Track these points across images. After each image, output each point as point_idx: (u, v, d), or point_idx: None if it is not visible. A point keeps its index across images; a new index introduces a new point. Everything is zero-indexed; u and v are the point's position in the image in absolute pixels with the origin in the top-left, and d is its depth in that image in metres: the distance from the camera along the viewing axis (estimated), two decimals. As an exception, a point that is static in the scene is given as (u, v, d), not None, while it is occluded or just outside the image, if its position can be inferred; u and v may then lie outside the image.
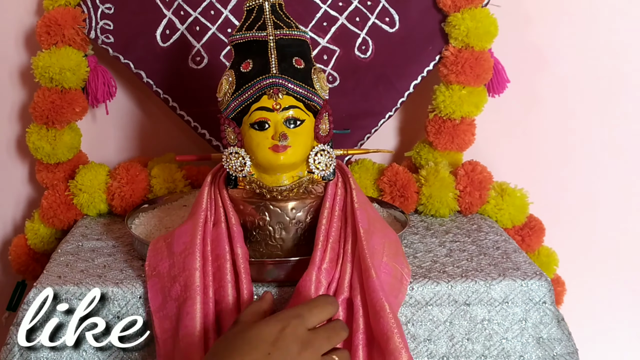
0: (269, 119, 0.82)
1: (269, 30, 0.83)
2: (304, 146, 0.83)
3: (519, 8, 1.20)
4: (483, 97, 1.15)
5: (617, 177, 1.29)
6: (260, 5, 0.84)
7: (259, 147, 0.82)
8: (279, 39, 0.83)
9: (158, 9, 1.15)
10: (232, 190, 0.88)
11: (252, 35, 0.83)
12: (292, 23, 0.84)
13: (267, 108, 0.81)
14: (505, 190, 1.13)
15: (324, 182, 0.87)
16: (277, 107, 0.81)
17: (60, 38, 1.12)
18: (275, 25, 0.83)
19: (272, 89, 0.81)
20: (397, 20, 1.16)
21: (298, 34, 0.84)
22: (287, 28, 0.83)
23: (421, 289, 0.84)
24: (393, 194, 1.12)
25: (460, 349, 0.85)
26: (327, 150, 0.85)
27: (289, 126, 0.82)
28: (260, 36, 0.82)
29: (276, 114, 0.81)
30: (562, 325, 0.85)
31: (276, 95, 0.81)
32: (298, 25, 0.85)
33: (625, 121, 1.27)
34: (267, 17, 0.83)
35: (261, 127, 0.82)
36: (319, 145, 0.85)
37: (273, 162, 0.82)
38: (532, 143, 1.28)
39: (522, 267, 0.89)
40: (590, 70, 1.24)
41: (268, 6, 0.83)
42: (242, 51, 0.84)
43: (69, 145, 1.15)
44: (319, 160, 0.85)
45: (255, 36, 0.83)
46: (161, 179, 1.12)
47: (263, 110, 0.82)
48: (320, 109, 0.84)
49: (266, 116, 0.82)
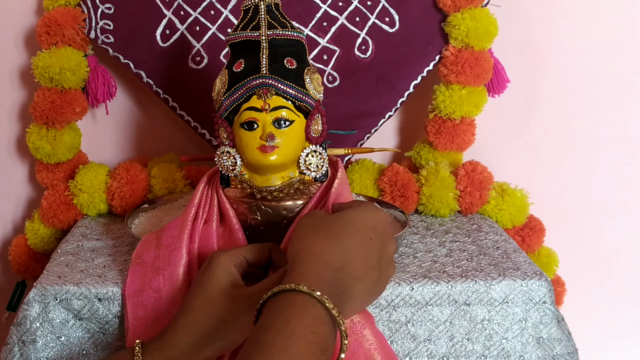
0: (258, 119, 0.82)
1: (262, 30, 0.83)
2: (293, 147, 0.83)
3: (519, 8, 1.20)
4: (483, 97, 1.15)
5: (617, 177, 1.29)
6: (256, 5, 0.84)
7: (248, 146, 0.82)
8: (272, 39, 0.83)
9: (158, 9, 1.15)
10: (227, 190, 0.88)
11: (245, 35, 0.83)
12: (287, 23, 0.84)
13: (256, 108, 0.81)
14: (505, 191, 1.14)
15: (316, 183, 0.87)
16: (266, 107, 0.81)
17: (60, 38, 1.12)
18: (269, 25, 0.83)
19: (261, 89, 0.81)
20: (397, 20, 1.16)
21: (292, 34, 0.84)
22: (281, 28, 0.83)
23: (421, 289, 0.84)
24: (393, 194, 1.12)
25: (460, 349, 0.85)
26: (319, 152, 0.85)
27: (278, 127, 0.82)
28: (253, 36, 0.83)
29: (265, 114, 0.81)
30: (562, 325, 0.85)
31: (265, 96, 0.81)
32: (294, 25, 0.85)
33: (625, 121, 1.27)
34: (261, 17, 0.83)
35: (250, 127, 0.82)
36: (310, 147, 0.85)
37: (261, 162, 0.82)
38: (532, 143, 1.28)
39: (522, 267, 0.89)
40: (590, 70, 1.24)
41: (263, 6, 0.84)
42: (236, 51, 0.85)
43: (69, 145, 1.15)
44: (309, 161, 0.85)
45: (249, 36, 0.83)
46: (161, 179, 1.12)
47: (252, 110, 0.82)
48: (312, 110, 0.84)
49: (255, 116, 0.82)
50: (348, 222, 0.68)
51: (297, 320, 0.59)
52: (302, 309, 0.60)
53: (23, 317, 0.82)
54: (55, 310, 0.83)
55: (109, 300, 0.83)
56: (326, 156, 0.86)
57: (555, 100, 1.26)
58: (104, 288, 0.84)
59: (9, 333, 0.83)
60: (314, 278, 0.62)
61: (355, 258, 0.66)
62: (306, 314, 0.59)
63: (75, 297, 0.83)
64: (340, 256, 0.65)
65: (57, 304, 0.83)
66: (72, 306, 0.83)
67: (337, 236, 0.66)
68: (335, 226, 0.68)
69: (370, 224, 0.69)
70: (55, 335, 0.83)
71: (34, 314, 0.82)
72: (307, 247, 0.66)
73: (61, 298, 0.83)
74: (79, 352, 0.83)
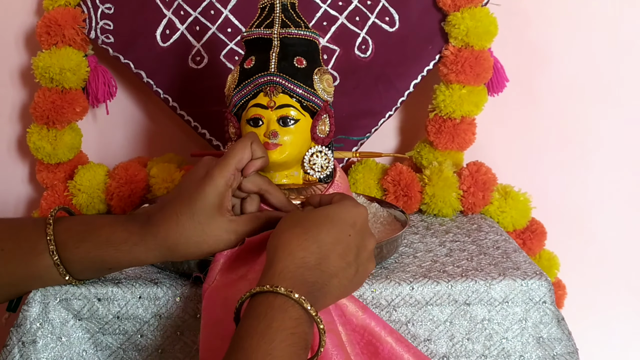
0: (263, 116, 0.82)
1: (275, 28, 0.83)
2: (296, 146, 0.83)
3: (518, 7, 1.20)
4: (483, 96, 1.15)
5: (618, 178, 1.28)
6: (272, 4, 0.85)
7: None
8: (284, 38, 0.83)
9: (158, 9, 1.15)
10: None
11: (258, 32, 0.84)
12: (302, 23, 0.85)
13: (262, 105, 0.82)
14: (509, 194, 1.13)
15: (321, 184, 0.87)
16: (272, 104, 0.82)
17: (61, 38, 1.12)
18: (282, 23, 0.84)
19: (268, 87, 0.82)
20: (397, 19, 1.16)
21: (305, 34, 0.84)
22: (294, 27, 0.84)
23: (421, 288, 0.84)
24: (397, 194, 1.12)
25: (461, 349, 0.84)
26: (325, 152, 0.85)
27: (282, 125, 0.82)
28: (266, 34, 0.84)
29: (270, 112, 0.82)
30: (562, 325, 0.85)
31: (271, 93, 0.82)
32: (308, 25, 0.86)
33: (626, 121, 1.26)
34: (276, 16, 0.84)
35: (255, 123, 0.82)
36: (315, 147, 0.85)
37: None
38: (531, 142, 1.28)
39: (522, 267, 0.89)
40: (590, 69, 1.24)
41: (279, 5, 0.84)
42: (249, 48, 0.86)
43: (70, 145, 1.15)
44: (314, 161, 0.85)
45: (262, 33, 0.84)
46: (160, 179, 1.12)
47: (258, 107, 0.82)
48: (319, 110, 0.84)
49: (260, 113, 0.82)
50: (327, 218, 0.68)
51: (278, 323, 0.60)
52: (281, 311, 0.61)
53: (23, 318, 0.82)
54: (55, 310, 0.82)
55: (109, 300, 0.83)
56: (332, 157, 0.86)
57: (555, 99, 1.26)
58: (104, 288, 0.83)
59: (9, 334, 0.83)
60: (291, 277, 0.63)
61: (332, 254, 0.66)
62: (286, 315, 0.61)
63: (75, 298, 0.83)
64: (316, 252, 0.65)
65: (57, 304, 0.82)
66: (72, 306, 0.83)
67: (315, 232, 0.66)
68: (313, 222, 0.68)
69: (349, 220, 0.69)
70: (55, 336, 0.82)
71: (33, 314, 0.82)
72: (284, 243, 0.66)
73: (61, 298, 0.82)
74: (79, 352, 0.83)
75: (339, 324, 0.74)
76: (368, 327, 0.76)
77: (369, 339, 0.76)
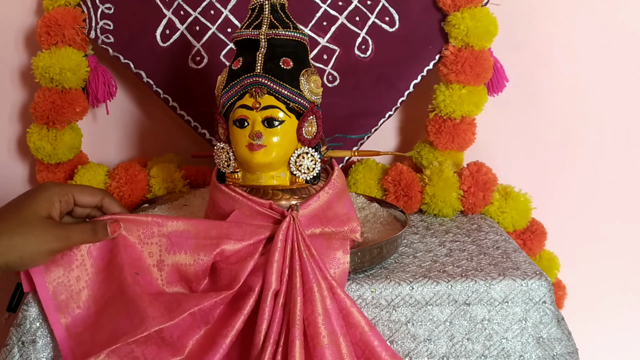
0: (249, 117, 0.82)
1: (263, 29, 0.83)
2: (281, 147, 0.83)
3: (518, 7, 1.20)
4: (483, 96, 1.15)
5: (618, 178, 1.28)
6: (261, 5, 0.85)
7: (238, 144, 0.83)
8: (271, 39, 0.83)
9: (158, 9, 1.15)
10: None
11: (247, 33, 0.84)
12: (290, 24, 0.85)
13: (248, 106, 0.82)
14: (509, 194, 1.13)
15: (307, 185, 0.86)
16: (257, 105, 0.82)
17: (61, 38, 1.12)
18: (270, 24, 0.84)
19: (253, 88, 0.82)
20: (397, 19, 1.16)
21: (292, 35, 0.84)
22: (282, 28, 0.84)
23: (421, 288, 0.84)
24: (397, 194, 1.12)
25: (460, 349, 0.84)
26: (311, 154, 0.85)
27: (267, 126, 0.82)
28: (254, 35, 0.84)
29: (255, 113, 0.82)
30: (562, 325, 0.85)
31: (257, 94, 0.82)
32: (297, 26, 0.85)
33: (626, 121, 1.26)
34: (265, 17, 0.84)
35: (241, 124, 0.83)
36: (302, 148, 0.84)
37: (248, 160, 0.83)
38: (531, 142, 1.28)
39: (522, 267, 0.89)
40: (590, 69, 1.24)
41: (268, 6, 0.84)
42: (238, 49, 0.86)
43: (70, 145, 1.15)
44: (300, 162, 0.84)
45: (249, 34, 0.84)
46: (160, 179, 1.12)
47: (244, 108, 0.82)
48: (306, 111, 0.84)
49: (246, 114, 0.82)
50: None
51: None
52: None
53: (23, 318, 0.82)
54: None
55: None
56: (319, 159, 0.86)
57: (554, 99, 1.26)
58: (104, 288, 0.83)
59: (9, 334, 0.83)
60: None
61: None
62: None
63: (75, 298, 0.83)
64: None
65: (56, 304, 0.82)
66: (72, 306, 0.83)
67: None
68: None
69: None
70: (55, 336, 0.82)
71: (33, 314, 0.82)
72: None
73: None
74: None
75: (340, 335, 0.74)
76: (369, 345, 0.76)
77: (369, 356, 0.76)
